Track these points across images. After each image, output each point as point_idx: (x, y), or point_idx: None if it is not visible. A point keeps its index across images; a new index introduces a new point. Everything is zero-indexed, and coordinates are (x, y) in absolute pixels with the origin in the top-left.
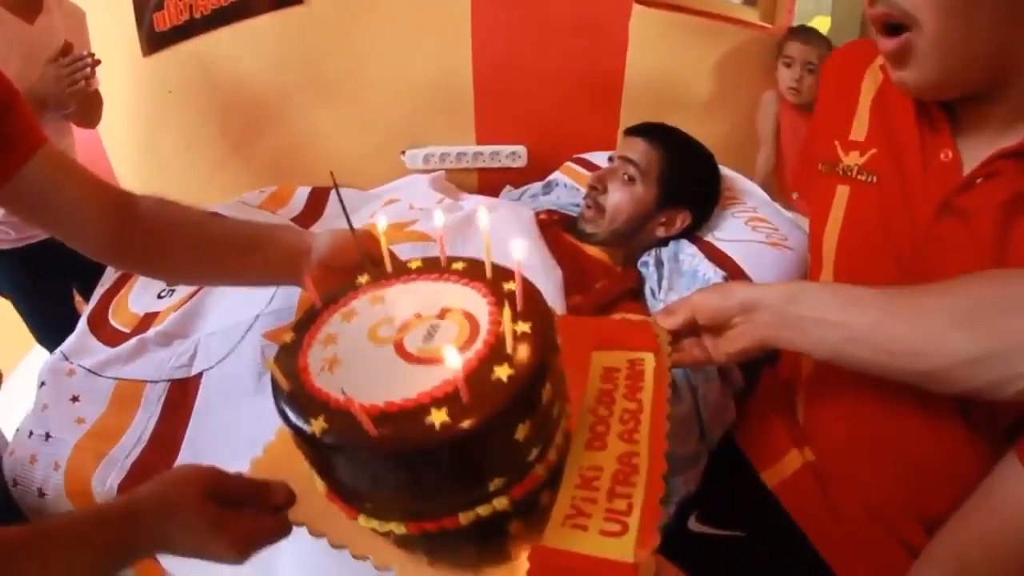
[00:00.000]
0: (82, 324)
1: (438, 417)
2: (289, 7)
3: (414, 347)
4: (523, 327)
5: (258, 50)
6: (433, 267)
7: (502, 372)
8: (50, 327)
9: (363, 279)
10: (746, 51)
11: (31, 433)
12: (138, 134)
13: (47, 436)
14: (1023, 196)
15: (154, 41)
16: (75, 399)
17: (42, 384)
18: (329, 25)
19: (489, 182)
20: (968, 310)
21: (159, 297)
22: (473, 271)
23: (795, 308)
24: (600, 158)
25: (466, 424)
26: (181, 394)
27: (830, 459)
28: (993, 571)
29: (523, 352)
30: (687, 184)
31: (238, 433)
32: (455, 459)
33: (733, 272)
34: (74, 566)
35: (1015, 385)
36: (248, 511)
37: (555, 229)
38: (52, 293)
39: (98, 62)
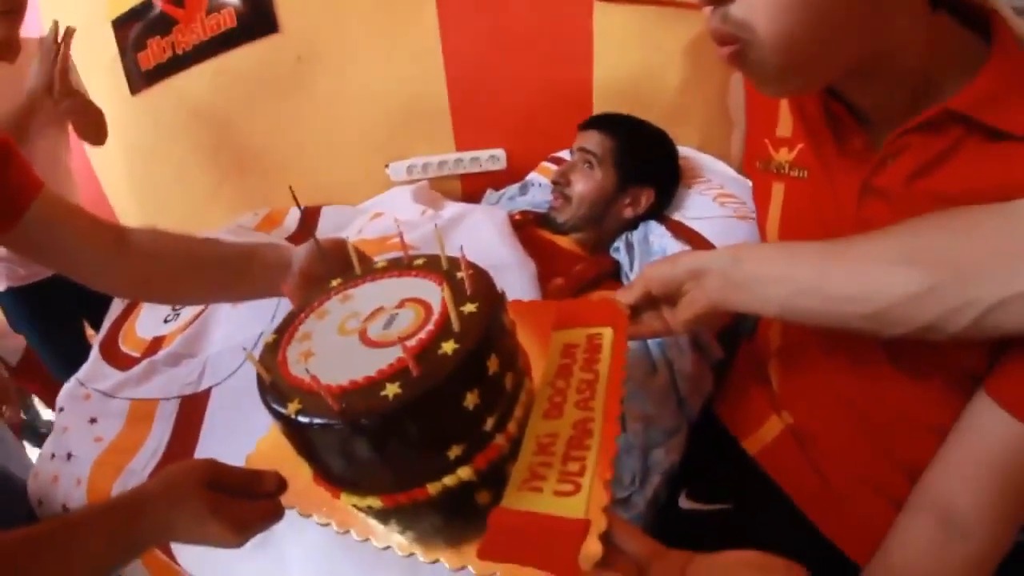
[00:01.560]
0: (94, 352)
1: (392, 390)
2: (266, 36)
3: (375, 334)
4: (470, 308)
5: (241, 79)
6: (396, 266)
7: (448, 347)
8: (64, 359)
9: (335, 282)
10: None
11: (53, 455)
12: (132, 169)
13: (68, 456)
14: (927, 165)
15: (140, 79)
16: (93, 420)
17: (61, 409)
18: (306, 50)
19: (472, 187)
20: (906, 247)
21: (165, 321)
22: (431, 265)
23: (740, 269)
24: None
25: (415, 393)
26: (192, 409)
27: (808, 424)
28: (980, 508)
29: (468, 328)
30: (643, 162)
31: (247, 442)
32: (411, 427)
33: (703, 248)
34: (89, 551)
35: (965, 315)
36: (244, 498)
37: (528, 227)
38: (64, 327)
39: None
